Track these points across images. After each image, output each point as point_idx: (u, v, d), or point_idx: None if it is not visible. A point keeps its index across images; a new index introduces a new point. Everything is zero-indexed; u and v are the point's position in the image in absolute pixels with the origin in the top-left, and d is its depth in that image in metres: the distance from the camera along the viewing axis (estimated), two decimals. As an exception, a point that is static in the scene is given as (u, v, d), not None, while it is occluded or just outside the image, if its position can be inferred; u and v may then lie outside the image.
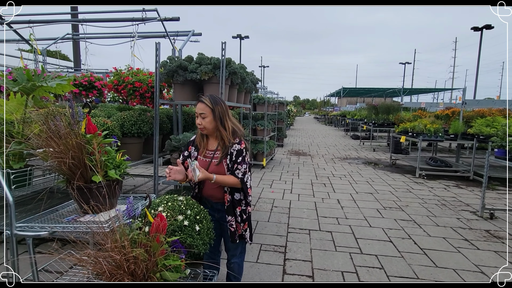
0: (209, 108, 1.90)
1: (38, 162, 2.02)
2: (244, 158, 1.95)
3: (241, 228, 2.05)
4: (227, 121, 1.95)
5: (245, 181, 1.95)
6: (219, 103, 1.93)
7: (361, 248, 3.32)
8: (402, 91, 20.82)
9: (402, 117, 10.29)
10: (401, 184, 6.21)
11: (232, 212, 2.02)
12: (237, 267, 2.19)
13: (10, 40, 4.86)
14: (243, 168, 1.94)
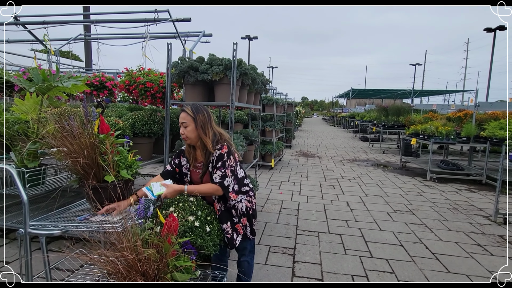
0: (190, 117, 1.88)
1: (51, 161, 2.05)
2: (224, 163, 1.88)
3: (241, 226, 2.02)
4: (209, 130, 1.92)
5: (225, 185, 1.87)
6: (201, 111, 1.91)
7: (371, 251, 3.27)
8: (413, 93, 20.54)
9: (412, 119, 10.15)
10: (411, 187, 6.11)
11: (226, 219, 1.98)
12: (247, 265, 2.18)
13: (25, 41, 4.95)
14: (221, 172, 1.87)
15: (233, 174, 1.95)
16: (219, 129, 2.01)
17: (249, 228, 2.07)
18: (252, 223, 2.08)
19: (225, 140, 1.97)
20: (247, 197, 2.06)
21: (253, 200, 2.10)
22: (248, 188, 2.09)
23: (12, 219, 3.24)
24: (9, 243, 3.18)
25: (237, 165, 2.02)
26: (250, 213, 2.06)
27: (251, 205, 2.07)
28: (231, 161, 1.92)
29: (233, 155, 1.96)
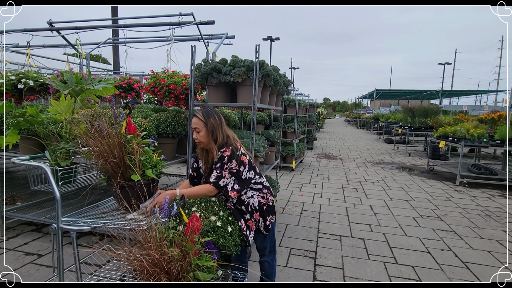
0: (202, 122, 1.93)
1: (81, 160, 2.14)
2: (223, 165, 1.89)
3: (253, 222, 2.00)
4: (219, 134, 1.95)
5: (220, 185, 1.88)
6: (212, 116, 1.95)
7: (396, 257, 3.17)
8: (441, 93, 19.72)
9: (441, 121, 9.73)
10: (439, 192, 5.86)
11: (239, 216, 1.99)
12: (268, 266, 2.16)
13: (58, 45, 5.23)
14: (217, 173, 1.88)
15: (233, 175, 1.93)
16: (228, 132, 2.02)
17: (263, 224, 2.03)
18: (266, 218, 2.03)
19: (231, 144, 1.97)
20: (260, 193, 2.04)
21: (269, 197, 2.08)
22: (261, 186, 2.07)
23: (45, 214, 3.44)
24: (42, 237, 3.36)
25: (244, 167, 1.98)
26: (264, 208, 2.03)
27: (266, 201, 2.05)
28: (232, 164, 1.91)
29: (237, 158, 1.93)
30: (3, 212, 3.31)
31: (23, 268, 2.70)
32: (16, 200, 3.75)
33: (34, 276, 2.59)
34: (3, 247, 3.08)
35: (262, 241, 2.11)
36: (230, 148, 1.93)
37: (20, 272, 2.64)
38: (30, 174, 1.82)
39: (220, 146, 1.96)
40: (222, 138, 1.96)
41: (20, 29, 4.17)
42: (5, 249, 3.04)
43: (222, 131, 1.97)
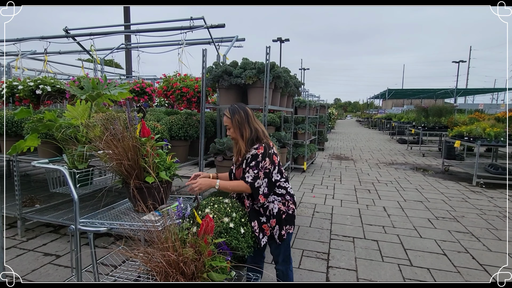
0: (229, 119, 1.97)
1: (97, 163, 2.20)
2: (258, 163, 1.88)
3: (268, 227, 1.95)
4: (245, 129, 1.95)
5: (255, 187, 1.87)
6: (237, 112, 1.97)
7: (410, 260, 3.11)
8: (456, 92, 19.29)
9: (456, 120, 9.52)
10: (455, 193, 5.73)
11: (254, 217, 1.96)
12: (282, 275, 2.10)
13: (74, 51, 5.37)
14: (254, 173, 1.87)
15: (266, 177, 1.90)
16: (258, 126, 2.00)
17: (278, 232, 1.97)
18: (282, 227, 1.97)
19: (263, 140, 1.95)
20: (282, 199, 1.99)
21: (290, 205, 2.01)
22: (285, 191, 2.01)
23: (62, 216, 3.53)
24: (59, 238, 3.45)
25: (274, 168, 1.95)
26: (283, 217, 1.97)
27: (286, 209, 1.99)
28: (266, 163, 1.89)
29: (271, 157, 1.91)
30: (23, 214, 3.42)
31: (42, 268, 2.78)
32: (35, 202, 3.87)
33: (53, 276, 2.67)
34: (24, 248, 3.17)
35: (275, 249, 2.06)
36: (263, 145, 1.91)
37: (39, 272, 2.72)
38: (49, 177, 1.88)
39: (251, 141, 1.94)
40: (249, 133, 1.95)
41: (38, 37, 4.31)
42: (25, 250, 3.13)
43: (249, 126, 1.96)
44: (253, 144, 1.95)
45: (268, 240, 1.98)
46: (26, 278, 2.63)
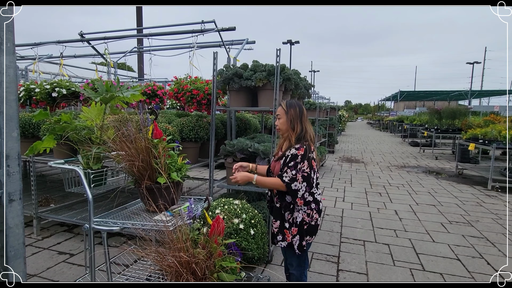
0: (283, 110, 2.01)
1: (110, 163, 2.25)
2: (296, 164, 1.86)
3: (290, 234, 1.93)
4: (298, 124, 1.98)
5: (292, 188, 1.84)
6: (294, 107, 2.00)
7: (423, 264, 3.06)
8: (470, 94, 18.87)
9: (470, 123, 9.31)
10: (469, 197, 5.60)
11: (277, 217, 1.98)
12: (295, 279, 2.04)
13: (88, 55, 5.51)
14: (292, 173, 1.85)
15: (305, 181, 1.86)
16: (307, 127, 2.02)
17: (298, 242, 1.92)
18: (303, 238, 1.92)
19: (305, 143, 1.95)
20: (308, 209, 1.93)
21: (314, 215, 1.94)
22: (312, 198, 1.93)
23: (76, 215, 3.61)
24: (73, 237, 3.52)
25: (313, 173, 1.92)
26: (305, 227, 1.92)
27: (309, 220, 1.92)
28: (305, 166, 1.87)
29: (309, 161, 1.90)
30: (39, 213, 3.52)
31: (57, 267, 2.85)
32: (50, 202, 3.97)
33: (67, 274, 2.73)
34: (39, 246, 3.26)
35: (291, 257, 2.02)
36: (304, 147, 1.91)
37: (54, 270, 2.78)
38: (65, 177, 1.93)
39: (297, 138, 1.96)
40: (300, 129, 1.97)
41: (54, 41, 4.44)
42: (40, 248, 3.22)
43: (301, 123, 1.99)
44: (298, 141, 1.95)
45: (287, 247, 1.95)
46: (41, 276, 2.70)
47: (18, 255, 0.73)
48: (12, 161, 0.71)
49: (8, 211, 0.71)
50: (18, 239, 0.73)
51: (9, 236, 0.72)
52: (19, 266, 0.74)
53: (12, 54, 0.70)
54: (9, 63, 0.69)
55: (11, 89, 0.71)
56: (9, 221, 0.71)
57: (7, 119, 0.70)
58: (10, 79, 0.70)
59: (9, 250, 0.72)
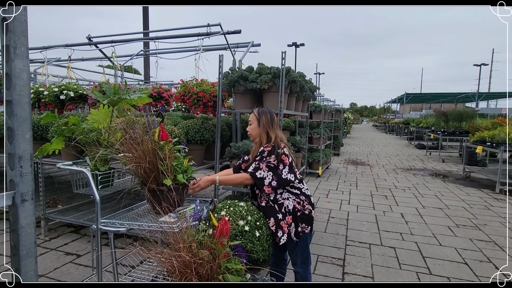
0: (255, 117, 2.12)
1: (117, 165, 2.27)
2: (262, 158, 1.99)
3: (285, 224, 1.99)
4: (269, 130, 2.08)
5: (257, 176, 1.96)
6: (265, 114, 2.11)
7: (429, 268, 3.03)
8: (477, 96, 18.67)
9: (477, 125, 9.21)
10: (477, 200, 5.53)
11: (270, 214, 2.02)
12: (300, 278, 2.11)
13: (95, 58, 5.58)
14: (256, 164, 1.98)
15: (271, 170, 1.97)
16: (277, 132, 2.12)
17: (294, 229, 2.02)
18: (298, 224, 2.02)
19: (274, 141, 2.04)
20: (297, 198, 2.05)
21: (306, 205, 2.06)
22: (299, 192, 2.07)
23: (83, 216, 3.65)
24: (80, 238, 3.56)
25: (283, 166, 2.01)
26: (298, 214, 2.03)
27: (301, 208, 2.04)
28: (271, 159, 1.98)
29: (278, 156, 1.99)
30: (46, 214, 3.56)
31: (64, 267, 2.88)
32: (58, 203, 4.02)
33: (73, 275, 2.76)
34: (47, 247, 3.30)
35: (293, 249, 2.08)
36: (271, 144, 2.02)
37: (61, 271, 2.82)
38: (73, 178, 1.96)
39: (266, 143, 2.06)
40: (272, 136, 2.07)
41: (63, 45, 4.51)
42: (47, 249, 3.25)
43: (272, 129, 2.09)
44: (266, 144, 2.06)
45: (287, 238, 2.01)
46: (48, 276, 2.73)
47: (30, 254, 0.75)
48: (24, 162, 0.73)
49: (21, 211, 0.73)
50: (30, 238, 0.75)
51: (21, 235, 0.73)
52: (30, 264, 0.75)
53: (25, 58, 0.73)
54: (23, 66, 0.72)
55: (24, 92, 0.73)
56: (21, 221, 0.73)
57: (20, 121, 0.72)
58: (24, 82, 0.72)
59: (21, 249, 0.73)
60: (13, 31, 0.70)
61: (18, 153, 0.72)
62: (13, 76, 0.71)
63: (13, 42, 0.71)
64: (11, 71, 0.70)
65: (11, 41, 0.70)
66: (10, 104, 0.71)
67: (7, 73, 0.71)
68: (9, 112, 0.71)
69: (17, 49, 0.71)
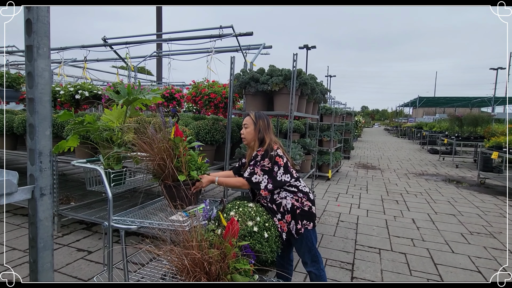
0: (252, 120, 2.14)
1: (129, 164, 2.31)
2: (256, 162, 2.02)
3: (285, 223, 2.01)
4: (265, 135, 2.11)
5: (253, 181, 1.99)
6: (262, 118, 2.15)
7: (441, 275, 2.97)
8: (494, 101, 18.23)
9: (493, 130, 8.99)
10: (492, 207, 5.39)
11: (270, 213, 2.04)
12: (315, 278, 2.10)
13: (110, 59, 5.70)
14: (250, 169, 2.02)
15: (266, 174, 2.00)
16: (271, 136, 2.15)
17: (294, 227, 2.02)
18: (298, 221, 2.02)
19: (268, 145, 2.07)
20: (295, 196, 2.06)
21: (305, 202, 2.06)
22: (296, 189, 2.09)
23: (95, 214, 3.72)
24: (91, 235, 3.63)
25: (277, 168, 2.03)
26: (297, 212, 2.03)
27: (300, 205, 2.04)
28: (264, 162, 2.01)
29: (271, 158, 2.02)
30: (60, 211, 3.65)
31: (76, 263, 2.94)
32: (70, 200, 4.11)
33: (84, 270, 2.81)
34: (59, 243, 3.38)
35: (300, 248, 2.09)
36: (264, 148, 2.06)
37: (73, 267, 2.88)
38: (86, 176, 2.00)
39: (261, 146, 2.10)
40: (268, 140, 2.10)
41: (79, 46, 4.63)
42: (60, 245, 3.33)
43: (268, 134, 2.13)
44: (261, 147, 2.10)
45: (287, 236, 2.04)
46: (60, 271, 2.79)
47: (47, 247, 0.78)
48: (44, 157, 0.76)
49: (39, 205, 0.76)
50: (48, 231, 0.78)
51: (39, 228, 0.76)
52: (47, 257, 0.78)
53: (47, 58, 0.76)
54: (45, 66, 0.75)
55: (46, 91, 0.76)
56: (40, 214, 0.76)
57: (41, 118, 0.75)
58: (45, 81, 0.75)
59: (39, 242, 0.76)
60: (36, 32, 0.74)
61: (39, 149, 0.74)
62: (36, 75, 0.74)
63: (36, 43, 0.74)
64: (34, 70, 0.73)
65: (35, 42, 0.74)
66: (32, 102, 0.75)
67: (30, 72, 0.74)
68: (31, 110, 0.74)
69: (40, 49, 0.74)
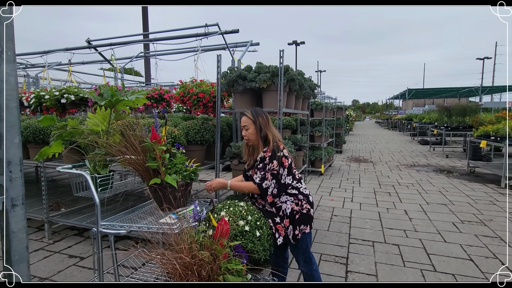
0: (250, 120, 2.04)
1: (117, 167, 2.28)
2: (265, 166, 1.95)
3: (283, 228, 1.98)
4: (267, 131, 2.03)
5: (263, 188, 1.95)
6: (260, 115, 2.05)
7: (434, 265, 3.00)
8: (481, 90, 18.52)
9: (481, 119, 9.13)
10: (482, 195, 5.48)
11: (268, 216, 2.01)
12: (307, 277, 2.10)
13: (95, 61, 5.60)
14: (261, 174, 1.95)
15: (275, 178, 1.96)
16: (274, 132, 2.08)
17: (292, 232, 1.99)
18: (296, 227, 1.99)
19: (274, 144, 2.01)
20: (295, 199, 2.02)
21: (304, 205, 2.03)
22: (297, 191, 2.05)
23: (85, 219, 3.66)
24: (83, 241, 3.57)
25: (283, 170, 1.99)
26: (296, 217, 1.99)
27: (299, 209, 2.01)
28: (274, 165, 1.95)
29: (279, 159, 1.96)
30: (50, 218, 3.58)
31: (68, 270, 2.89)
32: (61, 206, 4.03)
33: (77, 277, 2.77)
34: (51, 250, 3.31)
35: (294, 250, 2.09)
36: (271, 148, 1.98)
37: (65, 274, 2.83)
38: (72, 182, 1.96)
39: (266, 145, 2.03)
40: (271, 136, 2.03)
41: (62, 49, 4.53)
42: (51, 252, 3.27)
43: (269, 129, 2.05)
44: (266, 146, 2.02)
45: (284, 240, 2.00)
46: (52, 279, 2.74)
47: (22, 259, 0.75)
48: (14, 166, 0.73)
49: (12, 216, 0.73)
50: (22, 243, 0.74)
51: (13, 241, 0.73)
52: (23, 270, 0.75)
53: (12, 62, 0.72)
54: (10, 71, 0.71)
55: (12, 97, 0.73)
56: (12, 226, 0.72)
57: (9, 126, 0.72)
58: (11, 86, 0.72)
59: (13, 254, 0.73)
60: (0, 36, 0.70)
61: (8, 158, 0.71)
62: (1, 80, 0.70)
63: (0, 47, 0.70)
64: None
65: (-2, 46, 0.70)
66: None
67: (-5, 77, 0.71)
68: (-3, 117, 0.71)
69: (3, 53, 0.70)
